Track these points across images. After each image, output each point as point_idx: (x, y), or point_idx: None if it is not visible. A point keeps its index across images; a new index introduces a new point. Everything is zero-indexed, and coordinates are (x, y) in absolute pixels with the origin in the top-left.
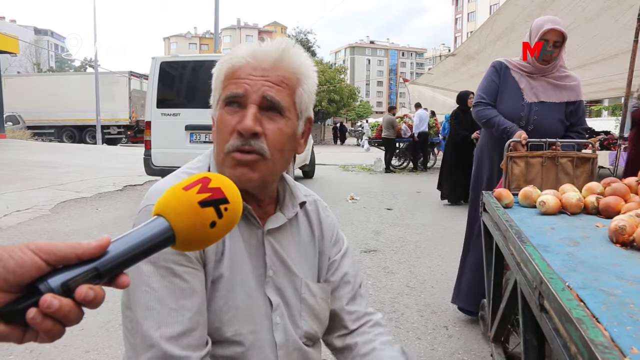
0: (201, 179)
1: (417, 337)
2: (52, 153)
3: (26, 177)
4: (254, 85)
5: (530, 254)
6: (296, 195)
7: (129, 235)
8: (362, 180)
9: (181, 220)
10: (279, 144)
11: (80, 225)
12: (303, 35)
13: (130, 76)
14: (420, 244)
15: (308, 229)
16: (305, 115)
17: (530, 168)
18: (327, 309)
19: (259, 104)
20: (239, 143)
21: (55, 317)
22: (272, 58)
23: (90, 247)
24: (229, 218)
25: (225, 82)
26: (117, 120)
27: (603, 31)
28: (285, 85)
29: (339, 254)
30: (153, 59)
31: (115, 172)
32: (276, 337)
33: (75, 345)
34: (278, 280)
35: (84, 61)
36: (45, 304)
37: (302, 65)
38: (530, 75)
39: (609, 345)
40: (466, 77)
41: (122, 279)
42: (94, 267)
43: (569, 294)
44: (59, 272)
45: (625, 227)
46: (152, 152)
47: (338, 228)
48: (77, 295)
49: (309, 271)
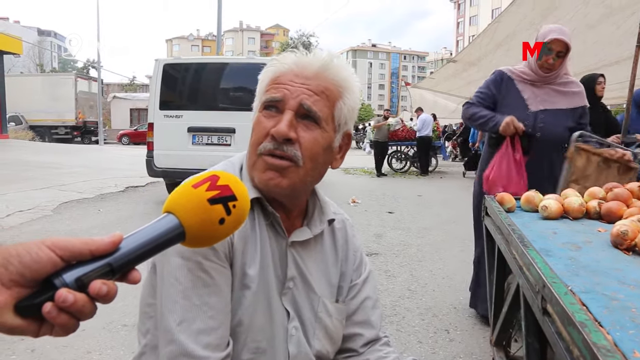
0: (210, 177)
1: (419, 341)
2: (54, 153)
3: (28, 177)
4: (293, 91)
5: (533, 258)
6: (325, 212)
7: (140, 232)
8: (364, 183)
9: (191, 217)
10: (312, 153)
11: (82, 226)
12: (305, 38)
13: (76, 78)
14: (422, 248)
15: (332, 248)
16: (344, 129)
17: (589, 164)
18: (341, 330)
19: (296, 110)
20: (272, 146)
21: (70, 312)
22: (315, 67)
23: (103, 243)
24: (237, 215)
25: (268, 87)
26: (64, 121)
27: (604, 38)
28: (325, 96)
29: (360, 278)
30: (156, 60)
31: (118, 173)
32: (290, 348)
33: (77, 346)
34: (297, 293)
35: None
36: (61, 298)
37: (345, 79)
38: (533, 83)
39: (611, 348)
40: (467, 82)
41: (134, 275)
42: (107, 263)
43: (571, 298)
44: (73, 267)
45: (627, 232)
46: (155, 154)
47: (362, 251)
48: (91, 290)
49: (328, 290)
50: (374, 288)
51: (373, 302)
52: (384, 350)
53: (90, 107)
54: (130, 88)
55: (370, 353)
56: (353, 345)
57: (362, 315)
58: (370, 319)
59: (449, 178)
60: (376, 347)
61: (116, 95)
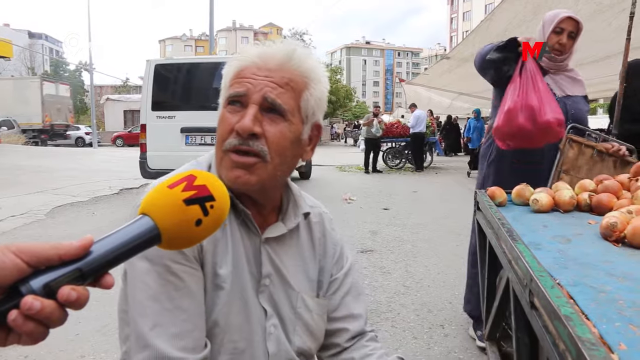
0: (186, 177)
1: (414, 337)
2: (47, 157)
3: (21, 181)
4: (256, 85)
5: (521, 252)
6: (300, 206)
7: (113, 235)
8: (359, 180)
9: (166, 218)
10: (279, 148)
11: (76, 230)
12: (299, 36)
13: (42, 81)
14: (417, 244)
15: (309, 242)
16: (312, 120)
17: (582, 156)
18: (323, 325)
19: (260, 104)
20: (237, 142)
21: (37, 319)
22: (278, 58)
23: (72, 248)
24: (215, 216)
25: (231, 82)
26: (31, 124)
27: (596, 34)
28: (290, 88)
29: (341, 272)
30: (147, 61)
31: (112, 175)
32: (269, 346)
33: (71, 350)
34: (273, 290)
35: (79, 64)
36: (27, 305)
37: (310, 69)
38: (547, 70)
39: (596, 342)
40: (462, 78)
41: (107, 280)
42: (77, 268)
43: (558, 292)
44: (42, 273)
45: (617, 223)
46: (148, 155)
47: (343, 244)
48: (60, 297)
49: (307, 285)
50: (356, 281)
51: (356, 295)
52: (370, 346)
53: (57, 110)
54: (123, 90)
55: (356, 350)
56: (338, 340)
57: (345, 310)
58: (354, 312)
59: (444, 174)
60: (362, 343)
61: (109, 97)
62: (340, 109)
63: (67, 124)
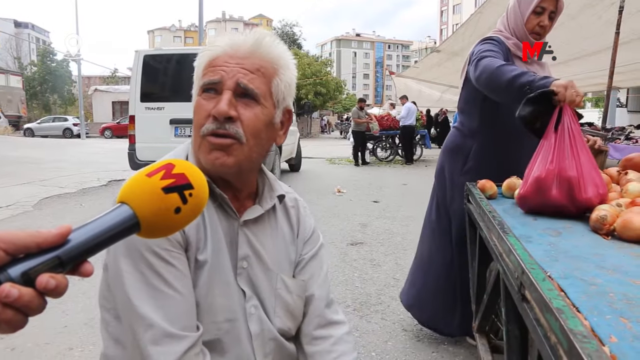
0: (165, 165)
1: (403, 329)
2: (35, 148)
3: (8, 172)
4: (229, 72)
5: (512, 244)
6: (275, 189)
7: (92, 223)
8: (349, 173)
9: (145, 206)
10: (254, 130)
11: (64, 222)
12: (289, 28)
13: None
14: (407, 236)
15: (287, 224)
16: (283, 105)
17: None
18: (302, 306)
19: (234, 90)
20: (214, 127)
21: (15, 307)
22: (248, 46)
23: (50, 235)
24: (193, 203)
25: (204, 71)
26: None
27: (586, 28)
28: (261, 74)
29: (309, 254)
30: (136, 52)
31: (100, 167)
32: (251, 327)
33: (58, 343)
34: (252, 272)
35: (66, 54)
36: (4, 293)
37: (279, 56)
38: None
39: (588, 334)
40: (452, 72)
41: (86, 267)
42: (56, 256)
43: (549, 284)
44: (20, 261)
45: (607, 217)
46: (137, 147)
47: (316, 229)
48: (38, 284)
49: (287, 266)
50: (322, 265)
51: (322, 280)
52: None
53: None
54: (112, 80)
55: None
56: (304, 323)
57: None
58: (314, 294)
59: (434, 167)
60: (326, 347)
61: (98, 88)
62: (330, 101)
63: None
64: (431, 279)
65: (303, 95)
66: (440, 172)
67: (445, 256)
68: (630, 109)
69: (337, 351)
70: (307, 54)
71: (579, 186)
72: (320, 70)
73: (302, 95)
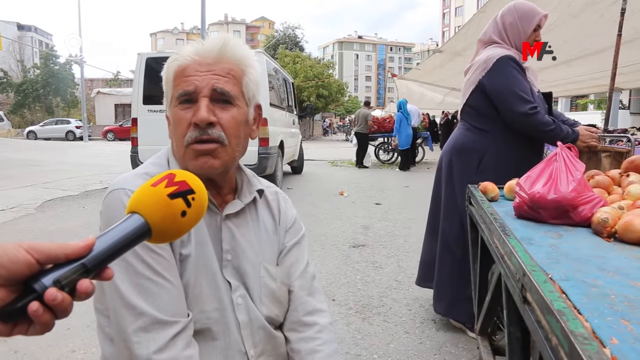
0: (167, 176)
1: (406, 331)
2: (38, 151)
3: (11, 175)
4: (202, 80)
5: (514, 247)
6: (253, 184)
7: (109, 232)
8: (351, 175)
9: (154, 213)
10: (234, 131)
11: (67, 224)
12: (291, 31)
13: None
14: (409, 239)
15: (269, 216)
16: (254, 102)
17: None
18: (287, 292)
19: (210, 96)
20: (197, 134)
21: (53, 310)
22: (215, 52)
23: (78, 247)
24: (197, 206)
25: (176, 82)
26: None
27: (588, 27)
28: (232, 76)
29: (291, 242)
30: (139, 54)
31: (102, 169)
32: (239, 317)
33: (61, 345)
34: (237, 264)
35: (69, 57)
36: (52, 296)
37: (244, 57)
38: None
39: (589, 336)
40: (454, 74)
41: (107, 272)
42: (82, 264)
43: (550, 286)
44: (49, 270)
45: (608, 219)
46: (139, 149)
47: (299, 220)
48: (79, 288)
49: (270, 256)
50: (304, 254)
51: (303, 268)
52: (319, 340)
53: None
54: (114, 83)
55: (304, 341)
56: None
57: (291, 279)
58: (297, 282)
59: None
60: (310, 334)
61: (100, 90)
62: (332, 103)
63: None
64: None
65: (305, 98)
66: (448, 171)
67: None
68: (632, 111)
69: (322, 339)
70: (309, 57)
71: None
72: (322, 73)
73: (304, 98)
